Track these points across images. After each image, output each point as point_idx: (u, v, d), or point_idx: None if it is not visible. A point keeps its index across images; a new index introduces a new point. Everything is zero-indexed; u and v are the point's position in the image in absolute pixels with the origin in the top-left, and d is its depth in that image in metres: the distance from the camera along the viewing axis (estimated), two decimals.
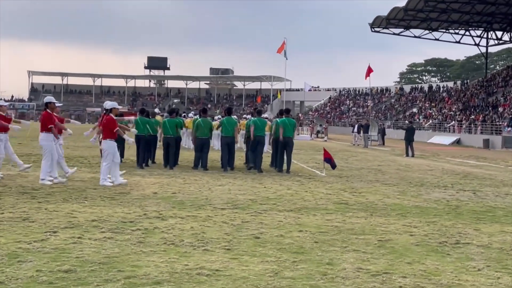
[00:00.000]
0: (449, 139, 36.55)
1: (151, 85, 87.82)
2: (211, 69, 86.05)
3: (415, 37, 50.64)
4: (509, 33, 47.28)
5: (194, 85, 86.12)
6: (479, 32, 49.79)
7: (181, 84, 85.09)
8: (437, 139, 37.69)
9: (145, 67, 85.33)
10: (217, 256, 4.82)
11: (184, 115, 20.66)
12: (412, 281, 4.33)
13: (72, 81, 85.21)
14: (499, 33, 48.64)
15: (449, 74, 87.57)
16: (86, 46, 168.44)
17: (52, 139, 9.15)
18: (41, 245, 4.91)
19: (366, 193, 9.34)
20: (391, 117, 51.97)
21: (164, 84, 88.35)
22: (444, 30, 49.22)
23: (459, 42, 51.05)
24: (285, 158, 12.45)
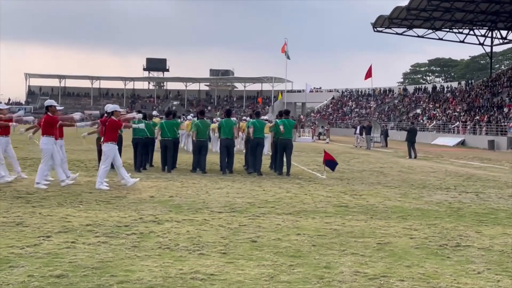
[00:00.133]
0: (454, 140, 36.34)
1: (150, 87, 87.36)
2: (211, 71, 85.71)
3: (418, 36, 50.46)
4: None
5: (193, 86, 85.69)
6: (484, 31, 49.52)
7: (180, 86, 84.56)
8: (441, 141, 37.48)
9: (144, 69, 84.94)
10: (213, 260, 4.76)
11: (183, 117, 20.64)
12: (410, 284, 4.26)
13: (69, 84, 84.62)
14: (504, 32, 48.34)
15: (453, 74, 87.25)
16: (83, 48, 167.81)
17: (52, 143, 9.13)
18: (34, 250, 4.86)
19: (366, 195, 9.25)
20: (395, 118, 51.78)
21: (163, 86, 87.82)
22: (447, 29, 48.99)
23: (463, 41, 50.80)
24: (284, 160, 12.37)
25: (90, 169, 12.29)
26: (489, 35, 49.43)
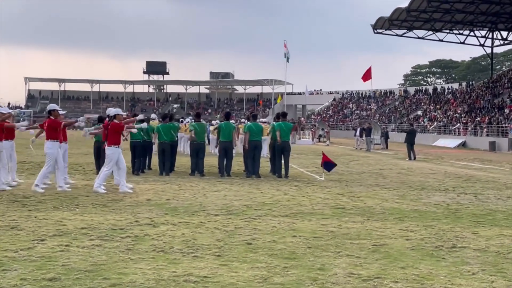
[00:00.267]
0: (455, 142, 36.25)
1: (150, 90, 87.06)
2: (211, 73, 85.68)
3: (419, 38, 50.36)
4: None
5: (194, 89, 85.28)
6: (484, 32, 49.41)
7: (180, 89, 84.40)
8: (442, 142, 37.41)
9: (144, 72, 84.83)
10: (207, 262, 4.75)
11: (181, 120, 20.61)
12: (403, 285, 4.25)
13: (69, 87, 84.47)
14: (504, 33, 48.21)
15: (454, 75, 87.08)
16: (83, 51, 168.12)
17: (57, 147, 9.13)
18: (28, 253, 4.85)
19: (364, 197, 9.23)
20: (395, 120, 51.72)
21: (163, 89, 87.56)
22: (448, 30, 48.87)
23: (464, 42, 50.70)
24: (282, 162, 12.35)
25: (88, 172, 12.29)
26: (490, 36, 49.30)
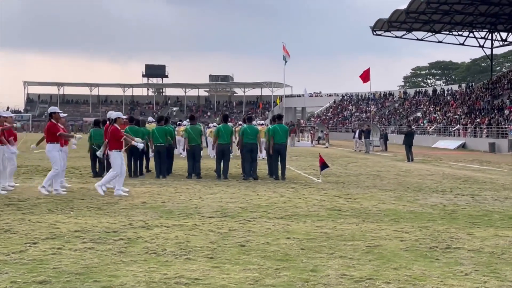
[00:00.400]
0: (454, 144, 36.21)
1: (149, 93, 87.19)
2: (210, 76, 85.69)
3: (418, 39, 50.35)
4: None
5: (193, 92, 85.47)
6: (483, 33, 49.40)
7: (179, 92, 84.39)
8: (442, 144, 37.37)
9: (143, 75, 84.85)
10: (199, 264, 4.74)
11: (178, 123, 20.60)
12: (395, 286, 4.23)
13: (68, 91, 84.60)
14: (504, 34, 48.24)
15: (454, 77, 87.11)
16: (82, 55, 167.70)
17: (57, 149, 9.13)
18: (19, 256, 4.84)
19: (361, 199, 9.21)
20: (395, 122, 51.69)
21: (162, 92, 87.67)
22: (447, 32, 48.84)
23: (463, 44, 50.68)
24: (279, 164, 12.34)
25: (84, 176, 12.27)
26: (489, 37, 49.30)
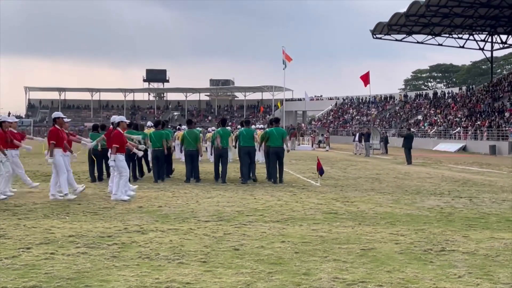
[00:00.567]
0: (455, 146, 36.15)
1: (150, 98, 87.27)
2: (211, 81, 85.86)
3: (418, 42, 50.38)
4: None
5: (194, 97, 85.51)
6: (483, 36, 49.41)
7: (180, 96, 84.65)
8: (443, 147, 37.30)
9: (144, 80, 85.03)
10: (191, 269, 4.73)
11: (178, 128, 20.64)
12: None
13: (69, 96, 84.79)
14: (504, 37, 48.27)
15: (455, 79, 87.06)
16: (83, 60, 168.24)
17: (60, 154, 9.15)
18: (12, 261, 4.84)
19: (358, 202, 9.19)
20: (396, 125, 51.64)
21: (163, 97, 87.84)
22: (447, 35, 48.83)
23: (463, 47, 50.66)
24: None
25: (83, 180, 12.25)
26: (489, 39, 49.30)
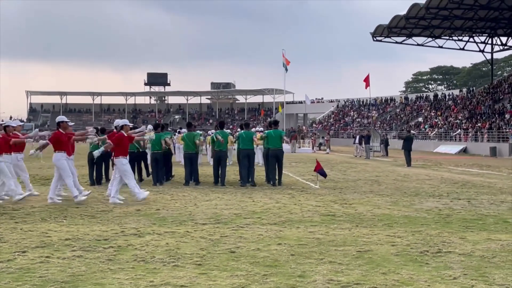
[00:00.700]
0: (456, 148, 36.12)
1: (152, 101, 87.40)
2: (212, 84, 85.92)
3: (418, 45, 50.37)
4: None
5: (195, 100, 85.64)
6: (484, 38, 49.40)
7: (182, 99, 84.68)
8: (443, 149, 37.27)
9: (145, 84, 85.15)
10: (186, 271, 4.73)
11: (178, 131, 20.66)
12: None
13: (71, 100, 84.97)
14: (504, 39, 48.21)
15: (455, 82, 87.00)
16: (84, 64, 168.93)
17: (64, 158, 9.17)
18: (7, 265, 4.84)
19: (356, 204, 9.18)
20: (396, 127, 51.62)
21: (164, 100, 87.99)
22: (447, 37, 48.83)
23: (463, 49, 50.65)
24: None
25: (82, 184, 12.19)
26: (489, 41, 49.29)
